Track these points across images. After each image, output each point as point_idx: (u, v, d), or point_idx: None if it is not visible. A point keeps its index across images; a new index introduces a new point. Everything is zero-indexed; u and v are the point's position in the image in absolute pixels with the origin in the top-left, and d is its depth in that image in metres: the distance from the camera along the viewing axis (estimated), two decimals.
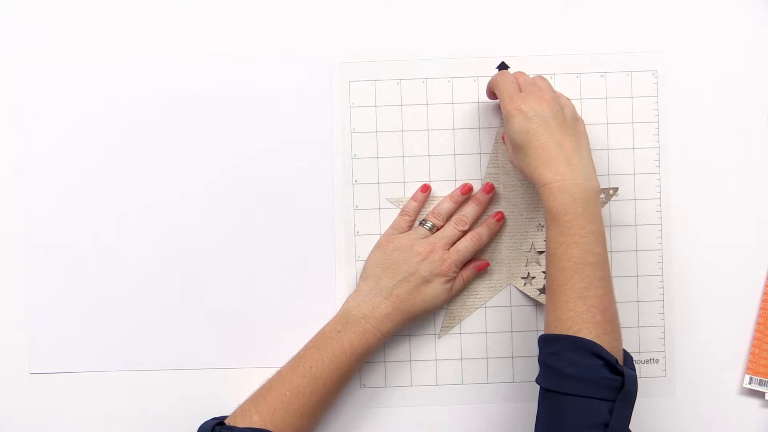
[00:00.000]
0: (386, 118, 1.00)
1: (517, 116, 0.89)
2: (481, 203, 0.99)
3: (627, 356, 0.87)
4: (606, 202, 0.99)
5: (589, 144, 0.91)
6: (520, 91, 0.91)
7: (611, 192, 0.99)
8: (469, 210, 0.98)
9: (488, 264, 1.00)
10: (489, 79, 0.96)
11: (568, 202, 0.85)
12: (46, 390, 0.99)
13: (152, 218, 1.00)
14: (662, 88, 1.01)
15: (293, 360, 0.94)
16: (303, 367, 0.92)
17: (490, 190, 0.99)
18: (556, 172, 0.86)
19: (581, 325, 0.83)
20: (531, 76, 0.94)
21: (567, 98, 0.94)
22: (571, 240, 0.85)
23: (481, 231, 0.98)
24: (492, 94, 0.96)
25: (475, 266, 0.99)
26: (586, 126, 0.93)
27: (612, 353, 0.82)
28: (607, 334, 0.83)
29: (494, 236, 0.99)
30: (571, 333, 0.83)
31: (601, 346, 0.82)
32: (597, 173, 0.92)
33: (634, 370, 0.85)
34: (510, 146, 0.92)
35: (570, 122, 0.90)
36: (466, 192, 0.99)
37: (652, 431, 1.00)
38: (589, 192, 0.86)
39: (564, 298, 0.84)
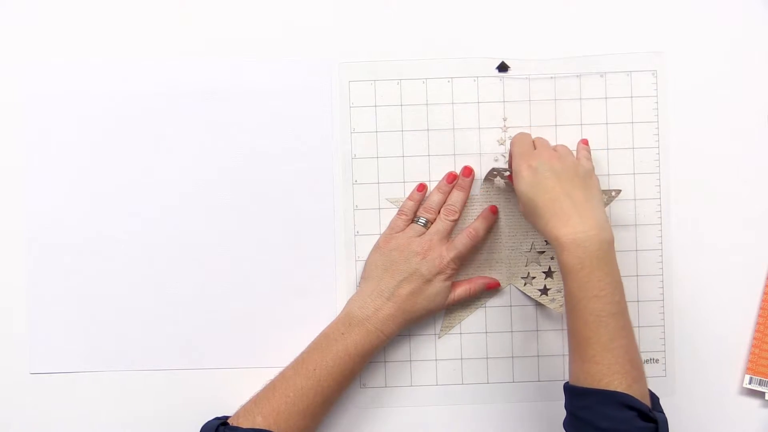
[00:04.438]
0: (386, 118, 1.00)
1: (525, 171, 0.89)
2: (465, 188, 0.99)
3: (654, 398, 0.87)
4: (608, 204, 0.99)
5: (601, 197, 0.90)
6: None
7: (613, 194, 0.99)
8: (455, 198, 0.98)
9: (498, 284, 1.00)
10: (489, 79, 0.96)
11: (583, 255, 0.84)
12: (46, 390, 0.99)
13: (152, 218, 1.00)
14: (662, 88, 1.01)
15: (296, 362, 0.94)
16: (306, 369, 0.92)
17: (470, 173, 0.99)
18: (566, 224, 0.85)
19: (611, 378, 0.83)
20: (553, 145, 0.95)
21: (588, 159, 0.95)
22: (591, 294, 0.84)
23: (477, 225, 0.98)
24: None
25: (484, 283, 0.99)
26: (590, 147, 0.95)
27: (642, 400, 0.83)
28: (636, 382, 0.84)
29: (490, 228, 0.99)
30: (601, 386, 0.83)
31: (632, 397, 0.82)
32: (597, 173, 0.92)
33: (662, 412, 0.86)
34: (522, 204, 0.91)
35: (582, 176, 0.90)
36: (452, 180, 0.99)
37: None
38: (603, 243, 0.85)
39: (591, 351, 0.84)
